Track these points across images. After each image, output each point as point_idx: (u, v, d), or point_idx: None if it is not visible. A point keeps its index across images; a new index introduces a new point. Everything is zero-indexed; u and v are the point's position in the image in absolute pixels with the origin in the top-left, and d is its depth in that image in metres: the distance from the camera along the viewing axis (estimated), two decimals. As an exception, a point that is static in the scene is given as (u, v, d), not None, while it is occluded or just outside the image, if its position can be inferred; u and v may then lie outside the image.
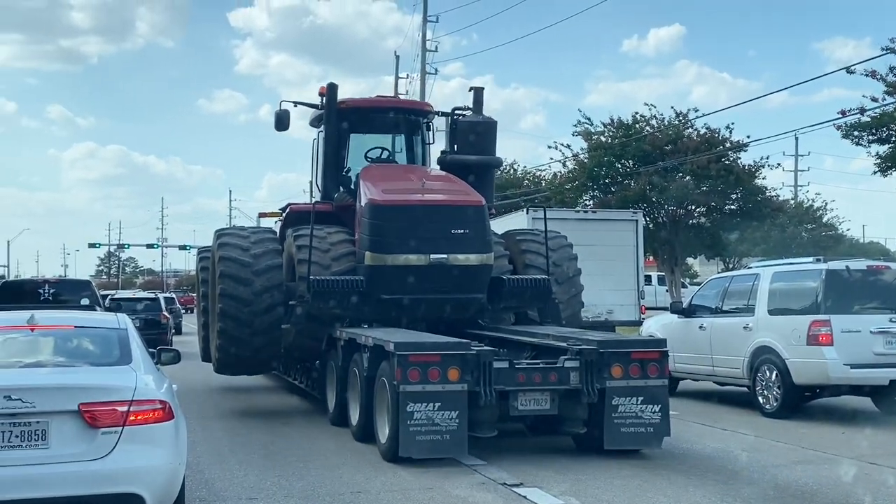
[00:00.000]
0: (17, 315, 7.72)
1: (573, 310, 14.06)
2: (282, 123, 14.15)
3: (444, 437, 9.34)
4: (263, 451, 10.40)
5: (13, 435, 5.97)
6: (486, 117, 14.60)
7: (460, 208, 12.16)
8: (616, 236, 19.94)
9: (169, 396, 6.67)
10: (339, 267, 12.60)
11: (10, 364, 6.74)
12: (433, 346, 9.76)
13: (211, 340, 14.48)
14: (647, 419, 9.80)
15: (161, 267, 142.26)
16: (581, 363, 9.89)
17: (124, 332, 7.30)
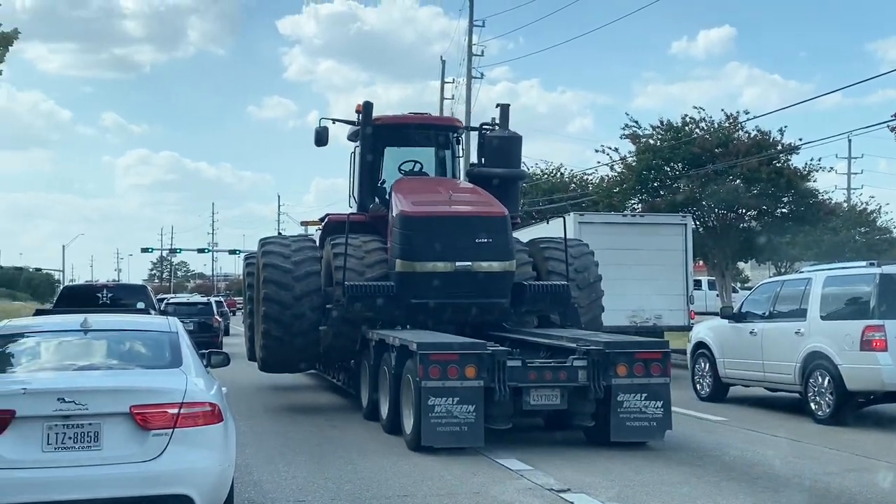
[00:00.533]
0: (71, 318, 7.87)
1: (594, 313, 15.04)
2: (322, 140, 15.37)
3: (463, 429, 10.32)
4: (311, 452, 10.64)
5: (66, 436, 6.11)
6: (511, 132, 15.49)
7: (484, 219, 13.07)
8: (664, 240, 19.81)
9: (218, 399, 6.79)
10: (372, 273, 13.63)
11: (63, 367, 6.92)
12: (452, 346, 10.78)
13: (256, 341, 15.62)
14: (651, 414, 10.70)
15: (212, 271, 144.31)
16: (589, 362, 10.81)
17: (175, 335, 7.41)
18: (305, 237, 16.71)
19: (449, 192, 13.78)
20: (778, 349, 14.30)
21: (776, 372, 14.32)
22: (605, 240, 19.47)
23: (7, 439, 5.98)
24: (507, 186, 14.98)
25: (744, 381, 15.54)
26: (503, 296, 13.25)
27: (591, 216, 21.18)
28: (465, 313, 13.24)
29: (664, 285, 19.66)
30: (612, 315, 19.09)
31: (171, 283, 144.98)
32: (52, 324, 7.97)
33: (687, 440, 11.61)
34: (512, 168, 15.26)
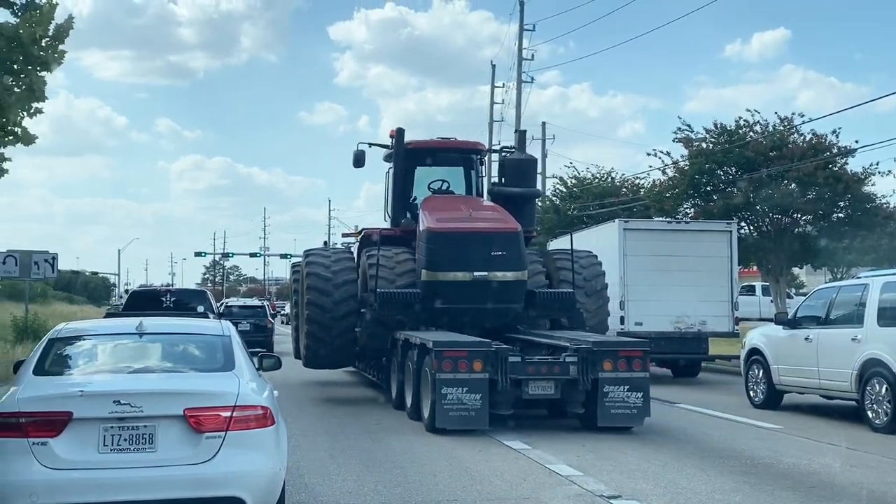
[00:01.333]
0: (127, 322, 8.03)
1: (600, 318, 17.02)
2: (359, 162, 17.64)
3: (470, 413, 12.25)
4: (360, 456, 10.83)
5: (122, 438, 6.23)
6: (528, 155, 17.81)
7: (499, 234, 15.05)
8: (710, 247, 20.38)
9: (270, 402, 6.86)
10: (402, 281, 15.79)
11: (119, 369, 7.06)
12: (462, 344, 12.77)
13: (300, 340, 17.95)
14: (632, 403, 12.59)
15: (263, 275, 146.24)
16: (579, 358, 12.78)
17: (228, 338, 7.50)
18: (344, 249, 18.82)
19: (469, 210, 15.86)
20: (834, 356, 14.21)
21: (832, 379, 14.23)
22: (650, 246, 20.40)
23: (64, 440, 6.11)
24: (524, 203, 17.03)
25: (798, 389, 15.44)
26: (516, 302, 15.26)
27: (635, 223, 22.10)
28: (482, 317, 15.19)
29: (709, 292, 20.26)
30: (656, 320, 19.90)
31: (224, 286, 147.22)
32: (108, 327, 8.18)
33: (740, 447, 11.64)
34: (528, 187, 17.42)
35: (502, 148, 18.32)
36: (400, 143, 17.18)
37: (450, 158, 17.81)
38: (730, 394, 17.67)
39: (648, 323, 19.82)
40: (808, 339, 14.84)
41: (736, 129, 34.69)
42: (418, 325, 15.06)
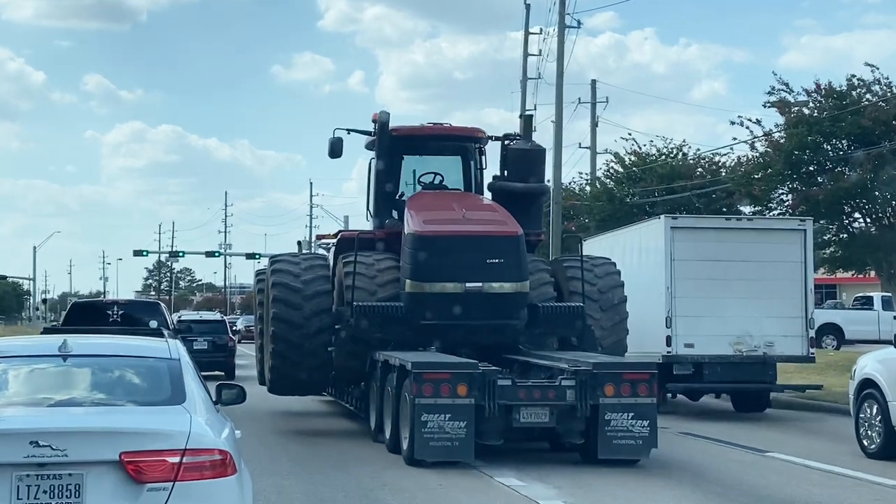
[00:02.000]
0: (47, 340, 8.07)
1: (618, 336, 17.40)
2: (335, 152, 18.08)
3: (454, 444, 13.02)
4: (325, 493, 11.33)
5: (41, 490, 6.23)
6: (535, 144, 18.18)
7: (496, 238, 15.58)
8: (778, 250, 20.39)
9: (231, 445, 6.78)
10: (384, 293, 16.11)
11: (36, 402, 6.99)
12: (444, 366, 13.60)
13: (265, 362, 18.06)
14: (637, 433, 13.33)
15: (224, 281, 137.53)
16: (577, 382, 13.42)
17: (176, 362, 7.47)
18: (317, 255, 19.37)
19: (463, 209, 16.23)
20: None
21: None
22: (705, 249, 20.40)
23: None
24: (529, 202, 17.60)
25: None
26: (516, 317, 15.76)
27: (686, 220, 22.72)
28: (476, 335, 15.74)
29: (777, 306, 20.11)
30: (711, 341, 19.96)
31: (172, 295, 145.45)
32: (23, 347, 8.18)
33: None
34: (535, 182, 17.87)
35: (505, 135, 18.54)
36: (384, 131, 17.52)
37: (443, 147, 18.56)
38: (835, 441, 16.77)
39: (701, 344, 19.83)
40: None
41: (849, 89, 32.40)
42: (404, 345, 15.46)
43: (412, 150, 18.42)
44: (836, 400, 20.56)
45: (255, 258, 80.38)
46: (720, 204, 42.65)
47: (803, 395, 22.19)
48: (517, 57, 52.86)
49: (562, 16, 41.85)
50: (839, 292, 71.60)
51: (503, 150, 18.33)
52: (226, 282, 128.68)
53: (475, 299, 15.37)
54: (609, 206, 44.59)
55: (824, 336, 39.62)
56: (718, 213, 40.94)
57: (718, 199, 41.49)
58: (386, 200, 18.00)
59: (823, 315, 41.02)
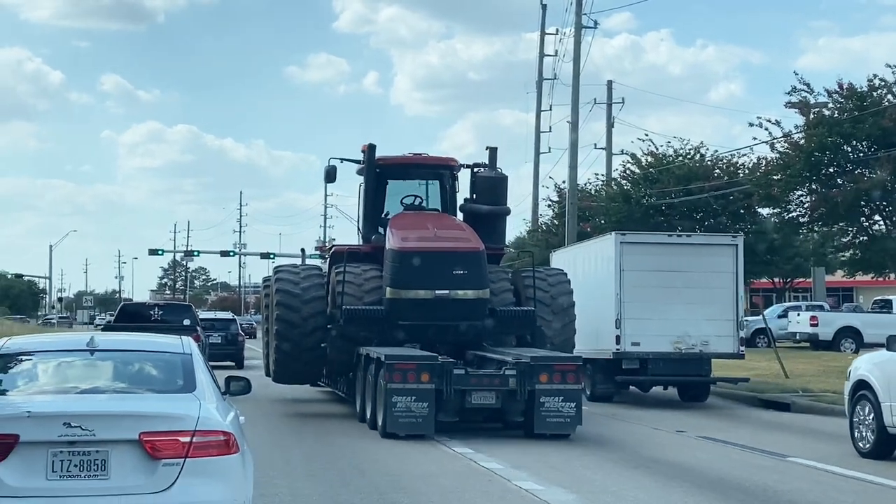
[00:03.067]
0: (77, 337, 9.47)
1: (566, 335, 20.73)
2: (331, 178, 22.32)
3: (419, 420, 16.43)
4: (318, 464, 14.15)
5: (72, 464, 7.26)
6: (498, 173, 21.77)
7: (461, 253, 18.92)
8: (714, 262, 23.96)
9: (234, 428, 7.82)
10: (369, 298, 19.51)
11: (68, 389, 8.06)
12: (411, 358, 17.00)
13: (270, 356, 21.58)
14: (566, 413, 16.80)
15: (238, 280, 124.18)
16: (518, 372, 16.84)
17: (188, 357, 8.54)
18: (313, 266, 23.06)
19: (435, 228, 19.62)
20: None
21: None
22: (650, 261, 23.66)
23: (10, 465, 7.17)
24: (493, 221, 21.19)
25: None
26: (478, 319, 19.09)
27: (634, 236, 25.72)
28: (445, 333, 19.07)
29: (712, 310, 23.57)
30: (655, 340, 23.27)
31: (186, 294, 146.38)
32: (57, 342, 9.54)
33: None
34: (499, 205, 21.43)
35: (473, 164, 22.27)
36: (371, 160, 21.24)
37: (422, 174, 22.16)
38: (828, 442, 17.62)
39: (646, 343, 23.26)
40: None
41: (869, 90, 33.49)
42: (384, 341, 18.76)
43: (396, 176, 22.00)
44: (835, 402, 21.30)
45: (270, 258, 79.62)
46: (737, 206, 43.49)
47: (735, 386, 25.31)
48: (532, 58, 53.04)
49: (578, 15, 41.96)
50: (856, 295, 71.45)
51: (472, 177, 21.93)
52: (240, 281, 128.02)
53: (443, 304, 18.69)
54: (625, 207, 44.85)
55: (843, 339, 39.91)
56: (736, 214, 41.93)
57: (736, 201, 42.00)
58: (373, 219, 21.49)
59: (842, 318, 41.60)
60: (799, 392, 24.80)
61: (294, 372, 21.26)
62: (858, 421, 15.96)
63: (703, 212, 44.61)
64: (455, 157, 22.74)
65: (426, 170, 22.32)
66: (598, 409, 22.31)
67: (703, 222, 45.17)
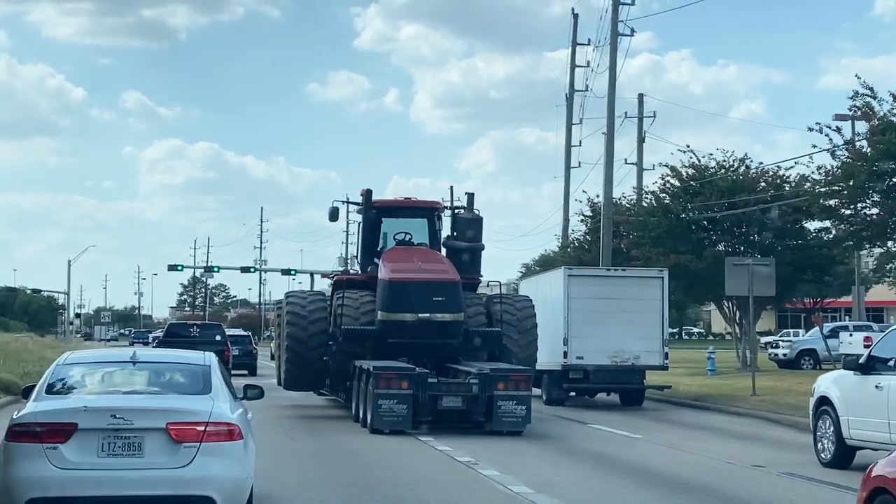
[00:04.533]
0: (123, 352, 12.98)
1: (529, 352, 26.51)
2: (334, 217, 28.82)
3: (398, 419, 21.96)
4: (317, 452, 19.91)
5: (117, 445, 10.46)
6: (475, 215, 28.09)
7: (440, 283, 24.69)
8: (644, 291, 32.20)
9: (240, 421, 10.77)
10: (365, 320, 25.20)
11: (115, 390, 11.38)
12: (393, 369, 22.52)
13: (280, 367, 27.64)
14: (518, 414, 22.54)
15: (258, 297, 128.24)
16: (480, 380, 22.47)
17: (208, 367, 11.71)
18: (318, 292, 29.55)
19: (419, 262, 25.19)
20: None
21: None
22: (592, 290, 31.67)
23: (71, 446, 10.34)
24: (470, 255, 27.36)
25: (871, 444, 16.98)
26: (454, 338, 24.82)
27: (579, 270, 35.18)
28: (427, 350, 24.65)
29: (642, 330, 31.46)
30: (596, 354, 31.11)
31: (206, 311, 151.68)
32: (107, 355, 13.34)
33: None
34: (475, 242, 27.59)
35: (454, 207, 28.94)
36: (368, 203, 27.48)
37: (412, 214, 28.29)
38: (797, 451, 20.60)
39: (588, 357, 31.13)
40: (879, 387, 16.74)
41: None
42: (376, 356, 23.85)
43: (389, 215, 28.14)
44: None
45: (291, 274, 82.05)
46: (787, 219, 43.37)
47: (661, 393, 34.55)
48: (553, 76, 53.41)
49: (614, 23, 43.76)
50: (887, 315, 73.55)
51: (453, 218, 28.20)
52: (261, 298, 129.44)
53: (425, 325, 24.59)
54: (665, 221, 46.03)
55: None
56: (783, 229, 42.83)
57: (784, 214, 42.19)
58: (369, 252, 27.75)
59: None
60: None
61: (301, 380, 27.48)
62: (821, 434, 18.39)
63: (747, 225, 46.30)
64: (439, 201, 29.54)
65: (415, 211, 28.72)
66: (551, 411, 29.42)
67: (746, 237, 46.62)
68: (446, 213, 29.36)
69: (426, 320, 24.80)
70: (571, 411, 29.85)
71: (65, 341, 79.62)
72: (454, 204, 32.94)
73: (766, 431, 25.39)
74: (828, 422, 18.42)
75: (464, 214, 28.42)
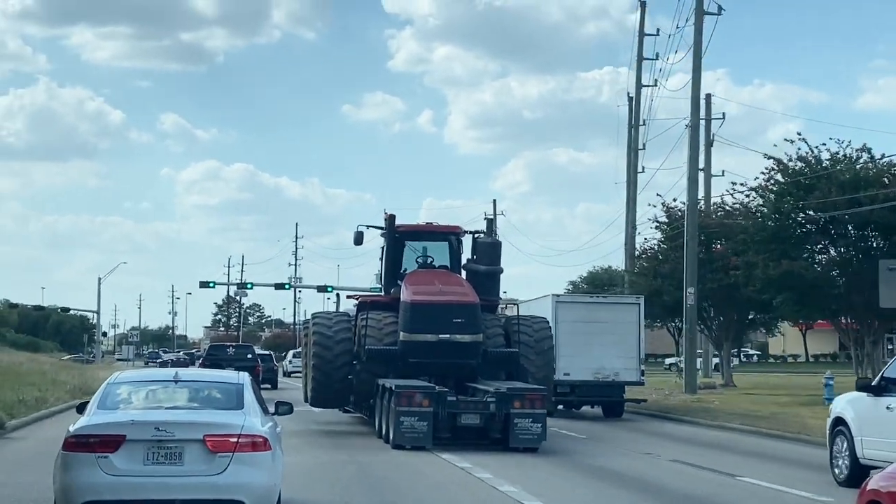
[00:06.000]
0: (166, 372, 14.51)
1: (545, 372, 27.39)
2: (359, 241, 29.90)
3: (419, 435, 22.66)
4: (347, 468, 20.05)
5: (160, 455, 11.53)
6: (494, 239, 29.44)
7: (460, 305, 25.52)
8: (624, 315, 35.53)
9: (270, 434, 11.82)
10: (387, 340, 26.01)
11: (159, 406, 12.46)
12: (414, 388, 23.20)
13: (308, 385, 28.04)
14: (534, 431, 23.16)
15: (293, 315, 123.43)
16: (497, 399, 23.11)
17: (241, 385, 12.81)
18: (343, 313, 29.96)
19: (440, 284, 26.00)
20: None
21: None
22: (578, 314, 34.62)
23: (119, 455, 11.45)
24: (489, 278, 28.21)
25: (883, 464, 15.80)
26: (473, 358, 25.48)
27: (566, 297, 38.15)
28: (446, 369, 25.34)
29: (622, 350, 34.36)
30: (581, 371, 33.91)
31: (241, 331, 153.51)
32: (152, 374, 14.88)
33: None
34: (494, 265, 28.39)
35: (474, 232, 29.51)
36: (391, 228, 28.23)
37: (433, 238, 29.23)
38: (814, 470, 20.85)
39: (574, 373, 34.18)
40: (890, 408, 17.06)
41: None
42: (398, 375, 24.43)
43: (411, 239, 29.01)
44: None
45: (328, 291, 78.43)
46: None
47: (638, 406, 38.15)
48: (587, 98, 55.27)
49: (701, 9, 43.54)
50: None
51: (473, 242, 28.99)
52: (295, 317, 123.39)
53: (445, 346, 25.41)
54: (774, 225, 40.92)
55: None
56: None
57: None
58: (392, 275, 28.44)
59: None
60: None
61: (327, 398, 28.17)
62: (836, 452, 18.66)
63: (877, 225, 39.81)
64: (459, 226, 30.09)
65: (436, 235, 29.67)
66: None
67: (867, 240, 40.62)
68: (466, 236, 29.77)
69: (446, 341, 25.70)
70: (562, 421, 32.96)
71: (85, 361, 76.72)
72: (494, 217, 32.72)
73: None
74: (843, 442, 18.80)
75: (483, 238, 29.37)
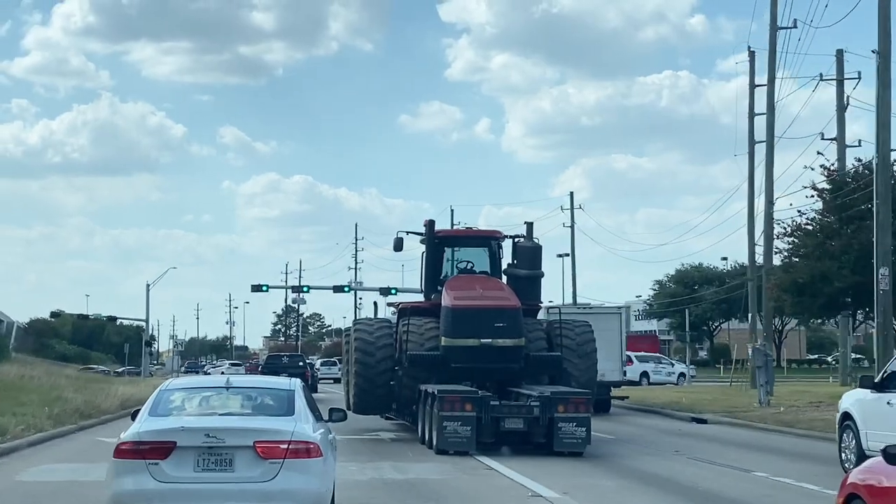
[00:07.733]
0: (219, 379, 14.48)
1: (589, 375, 27.27)
2: (399, 247, 30.15)
3: (463, 440, 22.46)
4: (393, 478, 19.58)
5: (210, 461, 11.40)
6: (534, 243, 29.05)
7: (501, 310, 25.46)
8: (608, 323, 38.14)
9: (320, 440, 11.59)
10: (429, 345, 25.83)
11: (210, 412, 12.39)
12: (458, 392, 23.19)
13: (350, 392, 28.05)
14: (578, 436, 22.90)
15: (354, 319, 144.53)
16: (541, 403, 22.85)
17: (292, 392, 12.64)
18: (383, 320, 30.30)
19: (481, 289, 25.94)
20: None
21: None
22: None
23: (170, 462, 11.32)
24: (530, 282, 28.11)
25: None
26: (515, 362, 25.31)
27: (555, 307, 36.24)
28: (488, 374, 25.21)
29: (607, 353, 34.47)
30: None
31: (299, 341, 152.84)
32: (205, 381, 15.11)
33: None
34: (535, 269, 28.32)
35: (515, 236, 29.41)
36: (431, 233, 28.33)
37: (473, 243, 29.44)
38: (821, 463, 21.75)
39: None
40: (891, 404, 17.97)
41: None
42: (440, 380, 24.22)
43: (452, 245, 29.17)
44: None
45: (392, 293, 71.88)
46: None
47: (622, 402, 42.21)
48: (646, 103, 55.72)
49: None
50: None
51: (513, 246, 28.79)
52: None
53: (487, 350, 25.20)
54: None
55: None
56: None
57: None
58: (432, 281, 28.40)
59: None
60: None
61: (370, 404, 27.91)
62: (844, 445, 19.85)
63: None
64: (499, 230, 30.14)
65: (476, 240, 29.82)
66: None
67: None
68: (506, 241, 29.67)
69: (488, 345, 25.50)
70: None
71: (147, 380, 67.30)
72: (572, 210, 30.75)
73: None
74: (850, 435, 19.93)
75: (524, 243, 29.25)
